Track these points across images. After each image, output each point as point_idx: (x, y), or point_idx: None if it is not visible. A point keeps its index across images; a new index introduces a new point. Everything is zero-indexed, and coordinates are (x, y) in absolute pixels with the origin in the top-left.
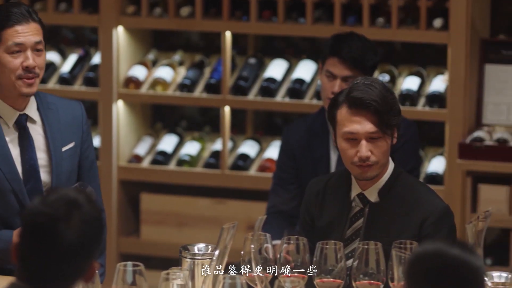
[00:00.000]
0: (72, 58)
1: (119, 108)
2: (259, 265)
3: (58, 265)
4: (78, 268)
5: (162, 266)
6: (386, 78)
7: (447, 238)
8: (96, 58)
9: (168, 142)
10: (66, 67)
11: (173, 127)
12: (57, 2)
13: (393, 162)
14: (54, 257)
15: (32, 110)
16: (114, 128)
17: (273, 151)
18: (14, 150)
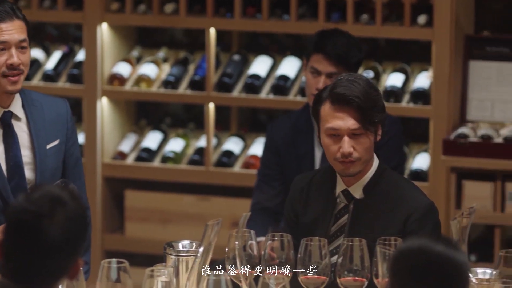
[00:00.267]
0: (56, 55)
1: (103, 105)
2: (244, 261)
3: (42, 262)
4: (62, 265)
5: (147, 263)
6: (370, 74)
7: (432, 234)
8: (80, 55)
9: (152, 139)
10: (50, 64)
11: (157, 124)
12: None
13: (377, 159)
14: (38, 254)
15: (17, 107)
16: (98, 125)
17: (257, 148)
18: None
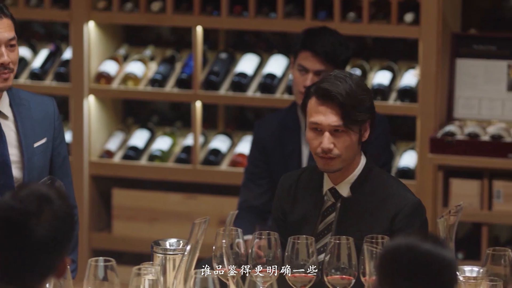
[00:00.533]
0: (43, 53)
1: (90, 103)
2: (231, 260)
3: (29, 260)
4: (49, 263)
5: (134, 262)
6: (357, 72)
7: (419, 232)
8: (67, 53)
9: (139, 137)
10: (37, 63)
11: (144, 122)
12: None
13: (365, 157)
14: (25, 252)
15: (4, 106)
16: (85, 123)
17: (244, 146)
18: None
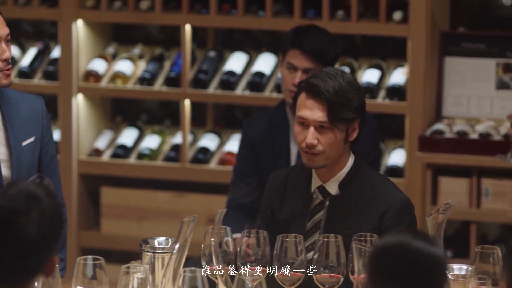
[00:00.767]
0: (31, 52)
1: (79, 101)
2: (220, 258)
3: (17, 259)
4: (38, 262)
5: (123, 260)
6: (346, 70)
7: (409, 230)
8: (55, 52)
9: (128, 136)
10: (26, 61)
11: (133, 121)
12: None
13: (353, 155)
14: (13, 251)
15: None
16: (74, 121)
17: (233, 144)
18: None
